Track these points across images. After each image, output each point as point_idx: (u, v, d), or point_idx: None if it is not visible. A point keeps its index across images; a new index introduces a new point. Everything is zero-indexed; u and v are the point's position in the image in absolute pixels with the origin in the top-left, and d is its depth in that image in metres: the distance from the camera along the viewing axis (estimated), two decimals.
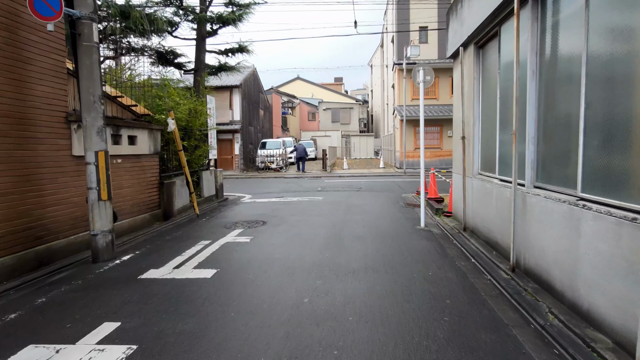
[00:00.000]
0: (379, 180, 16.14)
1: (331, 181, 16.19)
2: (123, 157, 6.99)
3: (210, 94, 11.75)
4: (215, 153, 11.71)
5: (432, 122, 21.74)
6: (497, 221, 5.11)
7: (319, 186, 14.00)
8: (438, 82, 22.36)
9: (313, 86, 47.13)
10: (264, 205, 9.95)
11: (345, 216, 8.06)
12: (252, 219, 7.98)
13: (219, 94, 22.41)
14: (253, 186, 15.16)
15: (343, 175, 19.39)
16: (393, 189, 13.18)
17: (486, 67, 5.94)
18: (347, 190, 12.78)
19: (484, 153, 6.14)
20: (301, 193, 12.18)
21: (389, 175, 19.35)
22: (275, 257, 5.19)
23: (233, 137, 22.76)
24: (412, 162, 21.81)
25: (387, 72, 32.59)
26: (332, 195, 11.40)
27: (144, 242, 6.29)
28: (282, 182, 16.61)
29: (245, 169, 23.09)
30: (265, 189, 13.80)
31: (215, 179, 11.56)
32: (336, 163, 27.49)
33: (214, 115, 11.69)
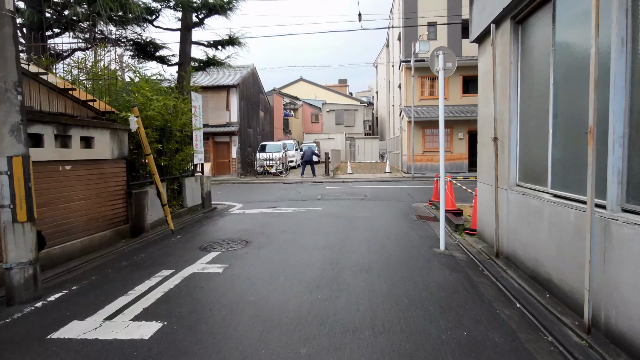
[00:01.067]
0: (386, 187, 14.76)
1: (333, 187, 14.84)
2: (74, 163, 5.70)
3: (196, 91, 10.48)
4: (201, 157, 10.42)
5: None
6: (551, 252, 3.74)
7: (319, 194, 12.65)
8: (448, 81, 20.97)
9: (316, 87, 45.89)
10: (253, 217, 8.62)
11: (347, 234, 6.69)
12: (234, 237, 6.64)
13: (215, 94, 21.22)
14: (248, 193, 13.86)
15: (346, 181, 18.04)
16: (401, 197, 11.80)
17: (529, 46, 4.58)
18: (350, 198, 11.42)
19: (524, 158, 4.76)
20: (298, 202, 10.84)
21: (395, 180, 17.96)
22: (250, 299, 3.85)
23: (230, 140, 21.51)
24: (420, 166, 20.41)
25: (394, 72, 31.26)
26: (332, 205, 10.05)
27: (91, 271, 4.97)
28: (280, 188, 15.28)
29: (244, 174, 21.81)
30: (260, 197, 12.48)
31: (202, 187, 10.26)
32: (339, 167, 26.14)
33: (200, 114, 10.41)
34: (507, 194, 4.95)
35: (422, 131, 20.51)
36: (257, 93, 25.79)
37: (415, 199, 11.18)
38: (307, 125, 40.58)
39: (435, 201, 9.60)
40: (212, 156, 21.37)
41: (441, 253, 5.50)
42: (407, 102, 21.32)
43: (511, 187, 4.91)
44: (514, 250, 4.74)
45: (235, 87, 21.26)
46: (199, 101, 10.42)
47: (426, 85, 21.22)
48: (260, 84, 26.48)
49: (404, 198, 11.48)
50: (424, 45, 16.78)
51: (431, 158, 20.53)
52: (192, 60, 10.75)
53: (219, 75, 23.22)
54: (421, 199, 11.11)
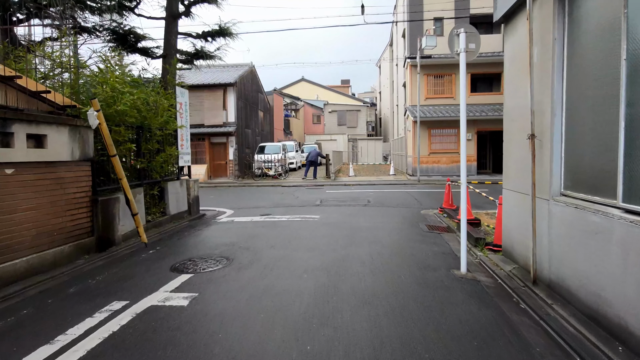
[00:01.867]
0: (390, 191, 13.73)
1: (334, 192, 13.82)
2: (18, 165, 4.73)
3: (182, 86, 9.52)
4: (188, 159, 9.44)
5: (449, 124, 19.30)
6: (628, 290, 2.72)
7: (318, 199, 11.64)
8: (454, 78, 19.97)
9: (318, 88, 44.95)
10: (242, 227, 7.61)
11: (347, 250, 5.67)
12: (214, 253, 5.64)
13: (211, 93, 20.30)
14: (242, 197, 12.87)
15: (348, 184, 17.02)
16: (408, 202, 10.77)
17: (581, 16, 3.56)
18: (352, 204, 10.40)
19: (573, 161, 3.74)
20: (295, 209, 9.84)
21: (400, 183, 16.92)
22: (213, 351, 2.84)
23: (227, 141, 20.56)
24: (426, 168, 19.36)
25: (397, 71, 30.25)
26: (332, 213, 9.03)
27: (28, 301, 3.99)
28: (278, 192, 14.28)
29: (241, 176, 20.83)
30: (255, 202, 11.48)
31: (188, 191, 9.28)
32: (341, 169, 25.13)
33: (186, 111, 9.44)
34: (549, 206, 3.93)
35: (428, 132, 19.48)
36: (256, 92, 24.85)
37: (424, 205, 10.15)
38: (309, 126, 39.62)
39: (447, 208, 8.57)
40: (208, 158, 20.44)
41: (463, 277, 4.47)
42: (413, 101, 20.30)
43: (554, 197, 3.88)
44: (561, 279, 3.71)
45: (232, 85, 20.32)
46: (185, 97, 9.45)
47: (432, 83, 20.19)
48: (259, 83, 25.55)
49: (411, 204, 10.45)
50: (430, 40, 15.79)
51: (438, 160, 19.48)
52: (178, 53, 9.78)
53: (215, 74, 22.32)
54: (430, 205, 10.08)
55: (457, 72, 19.89)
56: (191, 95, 21.30)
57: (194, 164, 20.29)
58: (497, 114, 18.39)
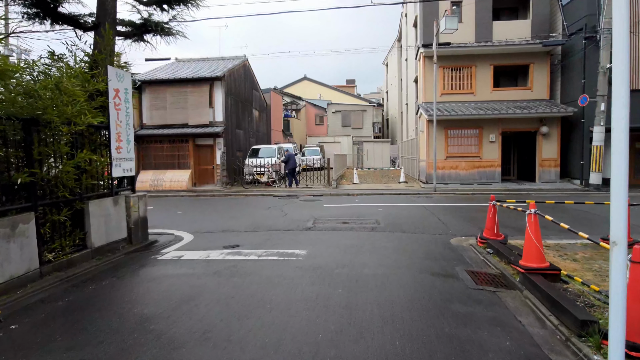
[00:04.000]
0: (404, 205, 11.06)
1: (333, 206, 11.18)
2: None
3: (120, 66, 6.99)
4: (129, 167, 6.89)
5: (469, 124, 16.62)
6: None
7: (311, 217, 9.01)
8: (475, 72, 17.30)
9: (322, 87, 42.43)
10: (185, 275, 4.98)
11: (338, 339, 3.06)
12: (97, 353, 3.05)
13: (196, 88, 17.81)
14: (217, 213, 10.29)
15: (351, 193, 14.40)
16: (430, 224, 8.12)
17: None
18: (354, 228, 7.75)
19: None
20: (276, 235, 7.23)
21: (413, 193, 14.26)
22: None
23: (214, 143, 18.05)
24: (443, 175, 16.67)
25: (407, 67, 27.62)
26: (325, 245, 6.39)
27: None
28: (265, 205, 11.70)
29: (230, 183, 18.29)
30: (229, 221, 8.91)
31: (128, 212, 6.73)
32: (345, 175, 22.49)
33: (127, 102, 6.90)
34: None
35: (445, 132, 16.79)
36: (250, 89, 22.35)
37: (451, 229, 7.50)
38: (311, 127, 37.07)
39: (491, 239, 5.91)
40: (192, 162, 17.94)
41: None
42: (427, 97, 17.64)
43: None
44: None
45: (219, 79, 17.81)
46: (124, 82, 6.91)
47: (449, 77, 17.51)
48: (254, 79, 23.05)
49: (433, 227, 7.79)
50: (451, 21, 13.11)
51: (456, 165, 16.79)
52: (118, 23, 7.28)
53: (201, 67, 19.86)
54: (460, 229, 7.43)
55: (478, 64, 17.24)
56: (173, 92, 18.86)
57: (176, 169, 17.84)
58: (526, 112, 15.68)
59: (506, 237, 6.07)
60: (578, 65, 15.68)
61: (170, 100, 17.89)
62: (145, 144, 18.14)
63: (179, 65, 20.59)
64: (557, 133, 16.32)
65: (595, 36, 14.99)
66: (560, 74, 17.17)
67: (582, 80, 15.27)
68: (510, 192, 14.18)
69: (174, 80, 17.66)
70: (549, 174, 16.48)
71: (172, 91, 17.84)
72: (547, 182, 16.36)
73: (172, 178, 17.59)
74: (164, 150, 18.07)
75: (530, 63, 17.02)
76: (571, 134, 16.25)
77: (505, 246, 5.51)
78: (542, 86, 17.03)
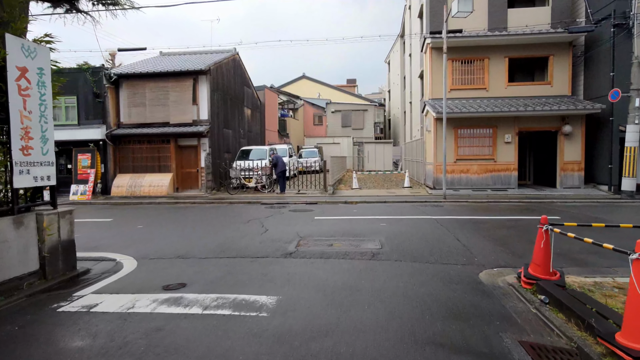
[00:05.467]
0: (411, 218, 9.26)
1: (327, 219, 9.38)
2: None
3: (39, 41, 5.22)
4: (49, 173, 5.12)
5: (481, 122, 14.84)
6: None
7: (295, 236, 7.21)
8: (487, 65, 15.51)
9: (321, 86, 40.71)
10: (67, 356, 3.22)
11: None
12: None
13: (178, 84, 16.06)
14: (185, 227, 8.51)
15: (350, 201, 12.62)
16: (447, 247, 6.31)
17: None
18: (349, 254, 5.93)
19: None
20: (244, 265, 5.44)
21: (420, 201, 12.47)
22: None
23: (199, 143, 16.30)
24: (452, 180, 14.87)
25: (411, 62, 25.87)
26: (304, 286, 4.57)
27: None
28: (246, 215, 9.92)
29: (215, 188, 16.53)
30: (193, 240, 7.12)
31: (41, 236, 4.96)
32: (344, 179, 20.71)
33: (41, 86, 5.12)
34: None
35: (455, 132, 15.00)
36: (241, 85, 20.61)
37: (478, 255, 5.70)
38: (309, 127, 35.32)
39: (543, 278, 4.11)
40: (174, 165, 16.18)
41: None
42: (434, 93, 15.86)
43: None
44: None
45: (204, 73, 16.06)
46: (38, 60, 5.11)
47: (459, 70, 15.72)
48: (245, 75, 21.31)
49: (454, 252, 5.99)
50: (464, 3, 11.32)
51: (467, 168, 14.98)
52: None
53: (185, 60, 18.13)
54: (490, 256, 5.63)
55: (491, 56, 15.44)
56: (153, 87, 17.09)
57: (156, 173, 16.09)
58: (547, 108, 13.88)
59: (562, 275, 4.27)
60: (605, 56, 13.89)
61: (150, 96, 16.14)
62: (123, 145, 16.40)
63: (164, 59, 18.86)
64: (581, 133, 14.52)
65: (625, 23, 13.22)
66: (584, 67, 15.36)
67: (611, 73, 13.48)
68: (531, 201, 12.37)
69: (153, 74, 15.92)
70: (572, 179, 14.66)
71: (151, 86, 16.09)
72: (570, 187, 14.55)
73: (151, 182, 15.84)
74: (143, 151, 16.33)
75: (550, 55, 15.21)
76: (597, 134, 14.44)
77: (569, 294, 3.71)
78: (563, 81, 15.23)
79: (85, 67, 15.78)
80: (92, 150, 15.94)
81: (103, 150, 15.99)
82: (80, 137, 15.85)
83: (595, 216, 9.15)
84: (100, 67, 15.79)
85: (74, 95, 15.85)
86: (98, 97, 15.80)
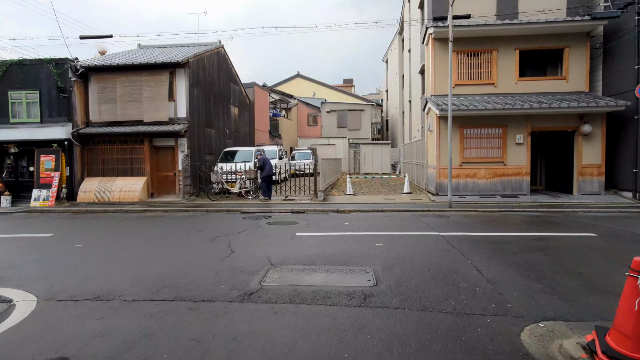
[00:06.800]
0: (413, 235, 7.65)
1: (311, 235, 7.75)
2: None
3: None
4: None
5: (490, 121, 13.31)
6: None
7: (266, 262, 5.60)
8: (496, 57, 13.97)
9: (317, 85, 39.15)
10: None
11: None
12: None
13: (152, 77, 14.44)
14: (130, 248, 6.89)
15: (342, 209, 11.02)
16: (465, 282, 4.70)
17: None
18: (331, 295, 4.23)
19: None
20: (179, 317, 3.84)
21: (422, 210, 10.88)
22: None
23: (176, 144, 14.67)
24: (457, 185, 13.30)
25: (410, 59, 24.38)
26: None
27: None
28: (215, 231, 8.31)
29: (194, 193, 14.91)
30: (130, 268, 5.50)
31: None
32: (337, 183, 19.12)
33: None
34: None
35: (460, 132, 13.43)
36: (227, 81, 19.00)
37: (510, 298, 4.10)
38: (303, 128, 33.74)
39: (630, 357, 2.54)
40: (148, 168, 14.55)
41: None
42: (437, 88, 14.30)
43: None
44: None
45: (182, 66, 14.45)
46: None
47: (464, 64, 14.17)
48: (232, 71, 19.72)
49: (476, 291, 4.38)
50: None
51: (474, 173, 13.41)
52: None
53: (161, 52, 16.51)
54: (527, 299, 4.05)
55: (500, 48, 13.91)
56: (125, 81, 15.42)
57: (128, 177, 14.47)
58: (565, 105, 12.35)
59: None
60: (628, 48, 12.38)
61: (122, 91, 14.51)
62: (92, 146, 14.76)
63: (141, 52, 17.23)
64: (601, 133, 12.99)
65: None
66: (603, 61, 13.84)
67: (636, 66, 11.98)
68: (549, 210, 10.80)
69: (125, 66, 14.30)
70: (591, 185, 13.12)
71: (123, 80, 14.46)
72: (589, 194, 13.00)
73: (122, 187, 14.20)
74: (114, 152, 14.70)
75: (566, 47, 13.69)
76: (620, 134, 12.91)
77: None
78: (580, 75, 13.70)
79: (48, 58, 14.14)
80: (57, 152, 14.30)
81: (69, 151, 14.34)
82: (43, 137, 14.20)
83: (635, 232, 7.59)
84: (65, 58, 14.15)
85: (36, 89, 14.21)
86: (63, 92, 14.16)
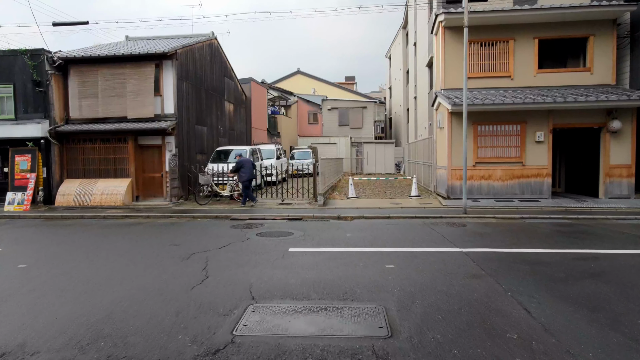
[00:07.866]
0: (430, 253, 6.41)
1: (306, 251, 6.52)
2: None
3: None
4: None
5: (507, 117, 12.05)
6: None
7: (246, 294, 4.38)
8: (513, 47, 12.69)
9: (317, 82, 37.92)
10: None
11: None
12: None
13: (136, 70, 13.22)
14: (88, 268, 5.68)
15: (344, 216, 9.80)
16: (511, 326, 3.46)
17: None
18: (329, 355, 3.11)
19: None
20: None
21: (434, 217, 9.63)
22: None
23: (163, 142, 13.46)
24: (471, 187, 12.04)
25: (416, 53, 23.11)
26: None
27: None
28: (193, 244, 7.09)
29: (183, 196, 13.70)
30: (70, 304, 4.29)
31: None
32: (339, 185, 17.88)
33: None
34: None
35: (474, 129, 12.17)
36: (221, 76, 17.78)
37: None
38: (304, 126, 32.51)
39: None
40: (132, 168, 13.34)
41: None
42: (448, 81, 13.03)
43: None
44: None
45: (169, 58, 13.24)
46: None
47: (477, 55, 12.89)
48: (226, 64, 18.50)
49: (535, 351, 3.15)
50: None
51: (489, 174, 12.15)
52: None
53: (149, 44, 15.29)
54: None
55: (517, 37, 12.63)
56: (107, 74, 14.10)
57: (111, 178, 13.29)
58: (592, 99, 11.07)
59: None
60: None
61: (104, 85, 13.30)
62: (72, 144, 13.57)
63: (128, 44, 16.03)
64: (631, 130, 11.72)
65: None
66: (630, 51, 12.55)
67: None
68: (578, 217, 9.53)
69: (107, 58, 13.09)
70: (619, 187, 11.85)
71: (105, 73, 13.25)
72: (617, 197, 11.74)
73: (104, 190, 13.01)
74: (96, 152, 13.50)
75: (590, 35, 12.40)
76: None
77: None
78: (606, 67, 12.42)
79: (23, 49, 12.94)
80: (33, 151, 13.11)
81: (46, 150, 13.15)
82: (17, 135, 13.02)
83: None
84: (41, 49, 12.95)
85: (9, 83, 13.02)
86: (39, 86, 12.97)
